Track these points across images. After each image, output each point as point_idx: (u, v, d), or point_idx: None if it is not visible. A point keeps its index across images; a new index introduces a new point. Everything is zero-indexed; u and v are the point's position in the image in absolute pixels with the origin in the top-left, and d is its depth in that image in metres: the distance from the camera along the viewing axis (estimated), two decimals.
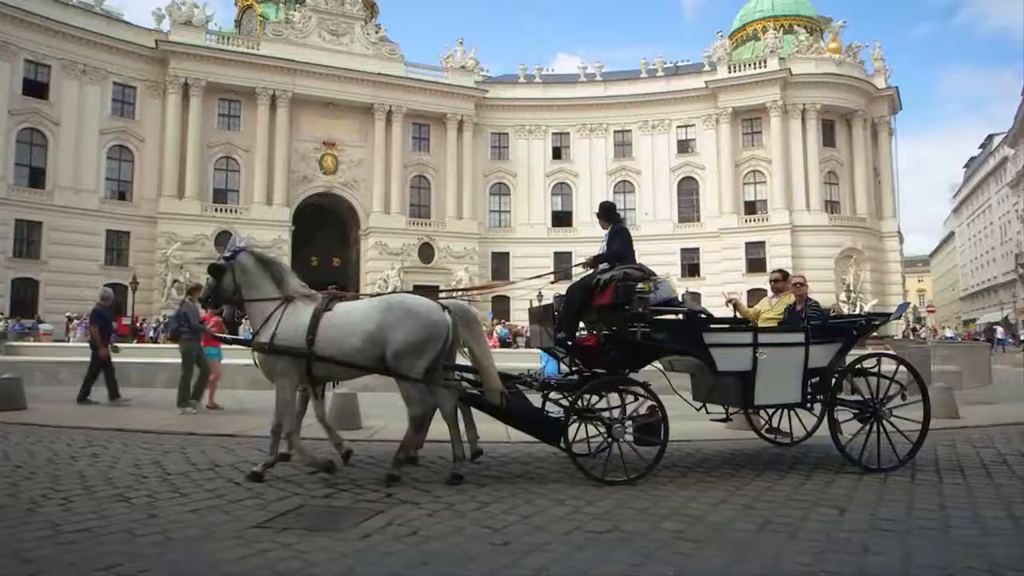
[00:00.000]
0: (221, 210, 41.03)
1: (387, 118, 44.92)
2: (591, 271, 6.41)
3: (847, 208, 44.70)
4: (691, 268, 45.77)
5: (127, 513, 4.50)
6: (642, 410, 6.12)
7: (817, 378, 6.14)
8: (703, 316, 6.41)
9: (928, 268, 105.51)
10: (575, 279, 6.59)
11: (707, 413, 6.52)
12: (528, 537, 4.06)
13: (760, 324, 6.73)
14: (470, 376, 6.08)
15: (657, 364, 6.46)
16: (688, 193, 47.04)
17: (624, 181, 47.95)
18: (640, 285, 5.93)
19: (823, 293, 41.25)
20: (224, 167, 42.26)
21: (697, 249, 45.71)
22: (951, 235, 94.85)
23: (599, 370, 6.15)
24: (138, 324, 33.82)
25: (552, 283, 24.15)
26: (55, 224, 36.61)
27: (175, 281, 37.29)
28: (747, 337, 6.12)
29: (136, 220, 39.33)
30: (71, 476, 5.57)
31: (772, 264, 42.69)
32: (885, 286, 44.30)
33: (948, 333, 60.07)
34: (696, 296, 44.14)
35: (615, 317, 5.90)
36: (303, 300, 5.83)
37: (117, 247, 38.90)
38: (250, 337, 6.17)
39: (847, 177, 45.12)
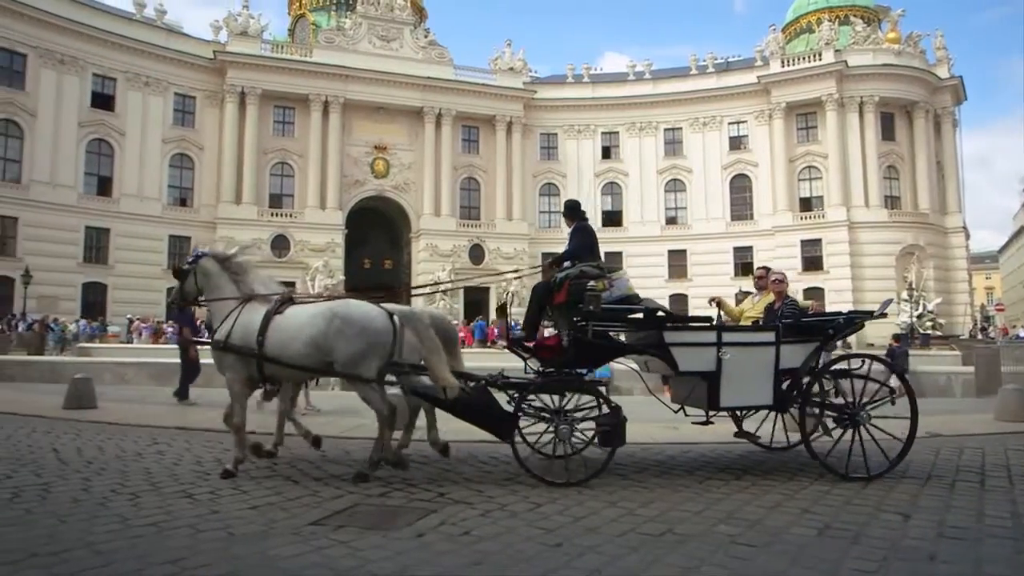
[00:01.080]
0: (276, 214, 42.10)
1: (437, 121, 45.38)
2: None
3: (908, 203, 43.20)
4: (744, 267, 44.82)
5: (190, 508, 4.66)
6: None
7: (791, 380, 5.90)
8: (662, 315, 6.19)
9: (997, 265, 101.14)
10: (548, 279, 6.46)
11: (686, 415, 6.19)
12: (580, 539, 4.05)
13: (742, 323, 6.58)
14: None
15: (633, 365, 6.23)
16: (741, 191, 46.17)
17: (675, 180, 47.37)
18: (592, 283, 5.84)
19: (883, 292, 39.94)
20: (279, 172, 43.34)
21: (750, 248, 44.81)
22: (1022, 230, 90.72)
23: (564, 370, 6.05)
24: (199, 324, 34.81)
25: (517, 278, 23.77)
26: (121, 230, 38.14)
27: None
28: (710, 336, 5.86)
29: (196, 225, 40.66)
30: (138, 472, 5.79)
31: (829, 262, 41.67)
32: (950, 284, 42.65)
33: (1021, 332, 57.49)
34: (748, 295, 43.46)
35: (571, 316, 5.83)
36: (260, 301, 6.04)
37: (179, 252, 40.16)
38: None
39: (908, 171, 43.60)
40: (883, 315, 6.74)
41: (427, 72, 45.11)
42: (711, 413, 6.06)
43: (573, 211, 6.68)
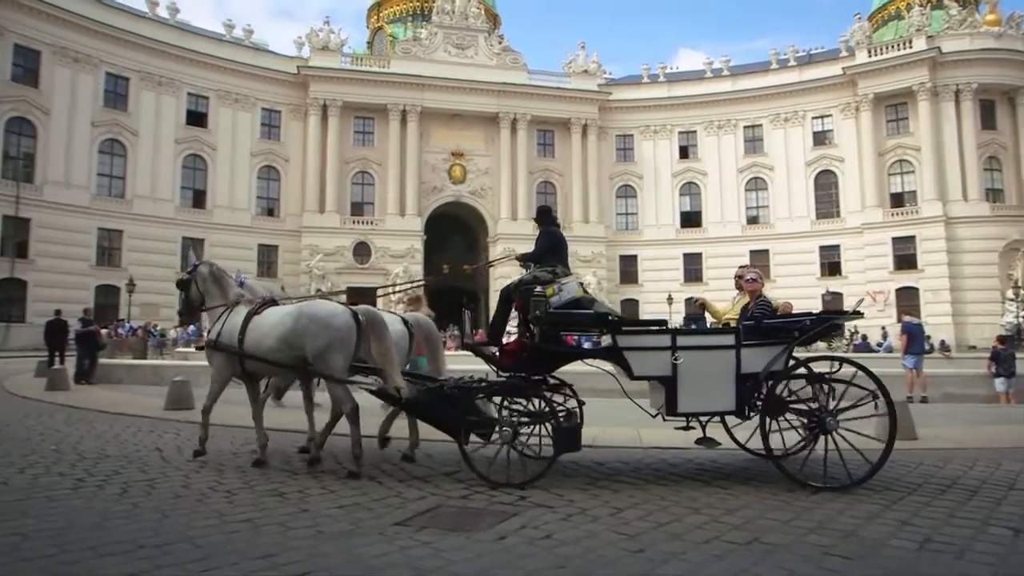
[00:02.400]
0: (358, 222, 43.35)
1: (512, 126, 45.69)
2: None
3: (1012, 196, 40.53)
4: (831, 267, 43.23)
5: (281, 506, 4.84)
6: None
7: (768, 384, 5.59)
8: (614, 319, 5.97)
9: None
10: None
11: (664, 420, 5.91)
12: (664, 545, 3.98)
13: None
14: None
15: (608, 368, 5.99)
16: (826, 188, 44.45)
17: (756, 178, 46.09)
18: (539, 288, 5.80)
19: (984, 290, 37.71)
20: (360, 181, 44.61)
21: (838, 247, 43.09)
22: None
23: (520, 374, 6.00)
24: None
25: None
26: (215, 240, 40.10)
27: (318, 290, 39.68)
28: (664, 340, 5.64)
29: (282, 234, 42.37)
30: (233, 470, 6.06)
31: (924, 260, 39.55)
32: None
33: None
34: (837, 296, 41.82)
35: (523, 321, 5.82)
36: (245, 304, 6.59)
37: (267, 260, 42.06)
38: None
39: (1012, 162, 40.93)
40: (858, 314, 6.25)
41: (502, 78, 45.50)
42: (689, 420, 5.86)
43: (543, 216, 6.68)
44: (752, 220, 45.99)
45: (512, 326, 6.61)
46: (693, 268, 45.90)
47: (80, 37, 36.75)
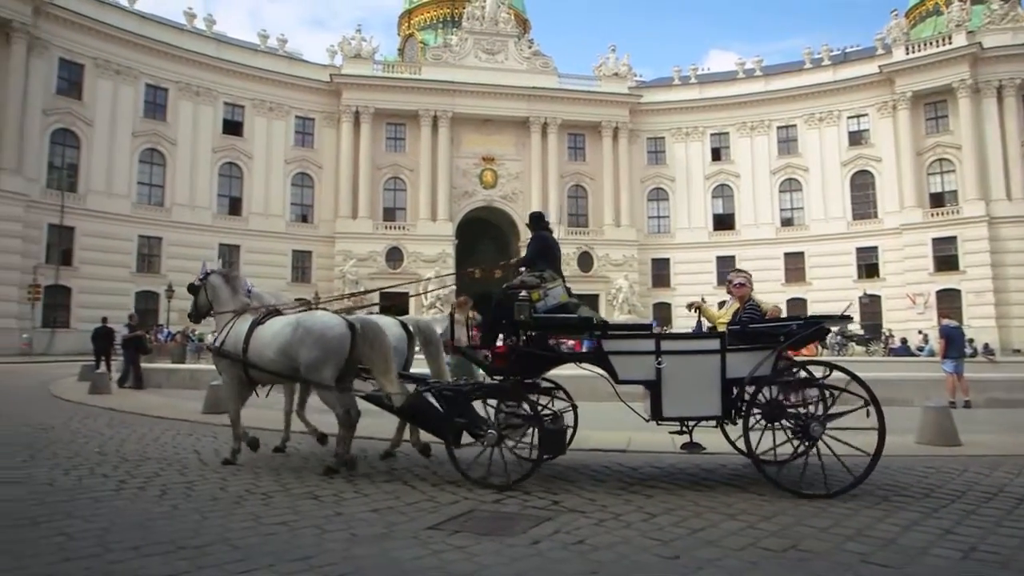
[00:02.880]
0: (390, 227, 43.75)
1: (542, 130, 45.73)
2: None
3: None
4: (868, 269, 42.37)
5: (317, 509, 4.90)
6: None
7: (747, 389, 5.53)
8: (598, 323, 6.03)
9: None
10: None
11: (657, 425, 5.86)
12: (699, 551, 3.95)
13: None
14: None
15: (601, 371, 5.94)
16: (863, 188, 43.62)
17: (790, 179, 45.43)
18: (524, 293, 5.87)
19: None
20: (392, 187, 45.02)
21: (875, 248, 42.24)
22: None
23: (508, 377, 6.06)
24: None
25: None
26: (250, 247, 40.86)
27: (351, 295, 40.10)
28: (648, 345, 5.64)
29: (316, 240, 42.95)
30: (269, 473, 6.16)
31: (966, 261, 38.56)
32: None
33: None
34: (875, 299, 41.01)
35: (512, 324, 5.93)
36: (251, 313, 6.85)
37: (301, 265, 42.65)
38: None
39: None
40: (847, 319, 6.08)
41: (532, 82, 45.59)
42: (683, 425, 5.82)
43: (535, 221, 6.74)
44: (786, 222, 45.32)
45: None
46: (726, 271, 44.76)
47: (121, 50, 37.76)
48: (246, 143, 42.00)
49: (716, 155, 47.12)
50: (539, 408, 5.84)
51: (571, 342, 17.86)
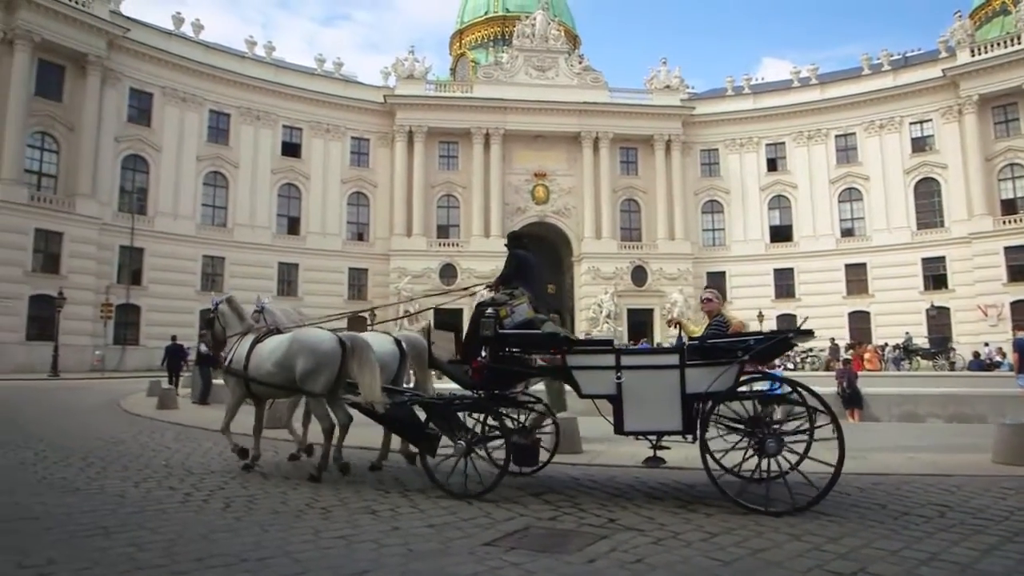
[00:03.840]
0: (444, 244, 44.25)
1: (594, 145, 45.68)
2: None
3: None
4: (936, 280, 40.76)
5: (374, 524, 4.95)
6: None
7: (708, 404, 5.52)
8: (562, 338, 6.11)
9: None
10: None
11: (636, 439, 5.84)
12: (762, 573, 3.84)
13: None
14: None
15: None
16: (927, 196, 42.09)
17: (850, 188, 44.19)
18: (490, 310, 6.08)
19: None
20: (446, 204, 45.59)
21: (942, 258, 40.63)
22: None
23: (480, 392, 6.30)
24: None
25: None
26: (308, 265, 41.89)
27: (406, 312, 40.68)
28: (609, 360, 5.68)
29: (372, 258, 43.76)
30: (328, 487, 6.26)
31: None
32: None
33: None
34: (943, 311, 39.35)
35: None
36: (253, 333, 7.42)
37: (357, 283, 43.48)
38: None
39: None
40: (808, 333, 5.94)
41: (583, 97, 45.65)
42: (654, 440, 5.93)
43: (512, 240, 7.16)
44: (847, 233, 44.06)
45: None
46: (785, 284, 44.35)
47: (188, 78, 39.46)
48: (304, 164, 43.22)
49: (772, 165, 46.23)
50: (507, 422, 6.05)
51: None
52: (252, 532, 4.69)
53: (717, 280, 45.59)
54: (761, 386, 6.75)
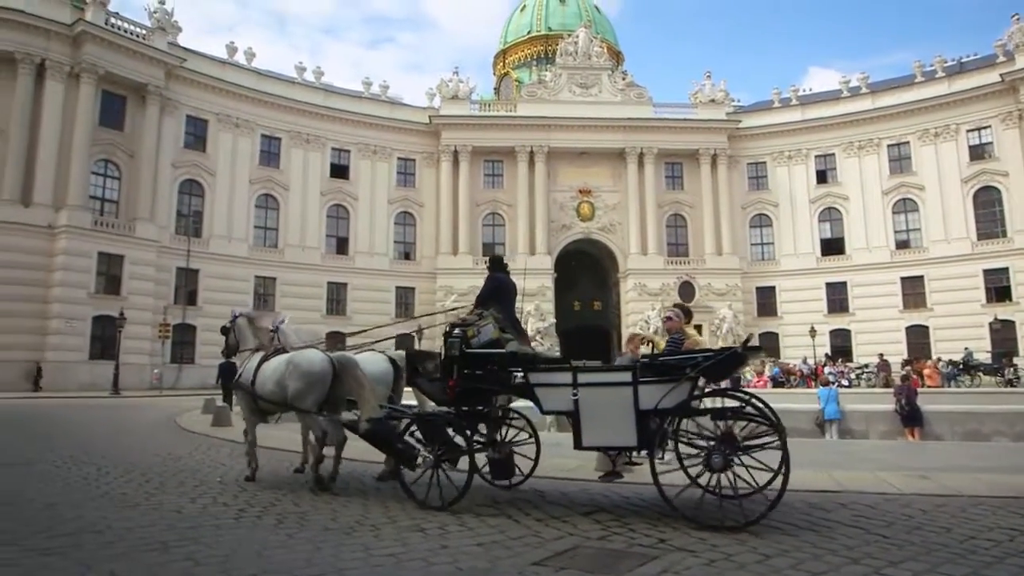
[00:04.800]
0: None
1: (639, 160, 45.50)
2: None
3: None
4: (999, 292, 39.18)
5: (423, 542, 4.97)
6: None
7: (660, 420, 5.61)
8: (524, 357, 6.29)
9: None
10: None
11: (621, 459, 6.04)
12: None
13: None
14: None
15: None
16: (988, 205, 40.61)
17: (904, 199, 42.95)
18: (456, 330, 6.33)
19: None
20: (491, 222, 45.89)
21: (1006, 269, 39.05)
22: None
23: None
24: None
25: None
26: (356, 284, 42.60)
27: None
28: (567, 377, 5.86)
29: (419, 276, 44.25)
30: (377, 506, 6.31)
31: None
32: None
33: None
34: (1008, 324, 37.72)
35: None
36: (263, 350, 7.81)
37: (404, 301, 43.96)
38: None
39: None
40: (756, 349, 5.95)
41: (627, 113, 45.59)
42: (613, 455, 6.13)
43: (492, 264, 7.50)
44: (902, 244, 42.79)
45: None
46: (837, 298, 43.24)
47: (240, 105, 40.79)
48: (352, 185, 44.09)
49: (822, 177, 45.30)
50: (472, 437, 6.34)
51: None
52: (305, 548, 4.75)
53: (767, 295, 44.75)
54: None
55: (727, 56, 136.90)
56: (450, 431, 6.40)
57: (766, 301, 44.86)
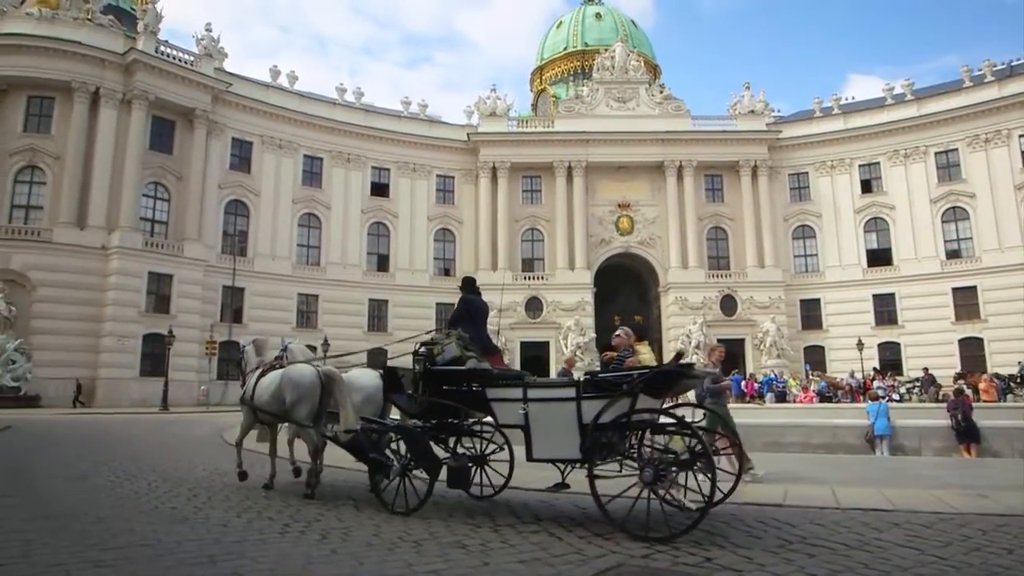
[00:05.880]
0: (529, 277, 44.52)
1: (678, 173, 45.19)
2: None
3: None
4: None
5: (465, 559, 4.95)
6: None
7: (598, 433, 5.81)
8: (482, 373, 6.62)
9: None
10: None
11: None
12: None
13: None
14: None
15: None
16: None
17: (953, 208, 41.76)
18: (423, 349, 6.84)
19: None
20: (530, 238, 45.99)
21: None
22: None
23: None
24: None
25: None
26: (397, 301, 43.02)
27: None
28: (518, 392, 6.17)
29: (458, 293, 44.04)
30: (419, 522, 6.32)
31: None
32: None
33: None
34: None
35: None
36: (263, 367, 8.46)
37: (444, 317, 44.03)
38: None
39: None
40: (688, 366, 6.07)
41: (665, 127, 45.39)
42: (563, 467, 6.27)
43: (464, 286, 8.07)
44: (952, 254, 41.54)
45: None
46: (885, 310, 42.12)
47: (284, 126, 41.81)
48: (392, 203, 44.67)
49: (866, 187, 44.36)
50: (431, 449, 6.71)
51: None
52: (348, 564, 4.78)
53: (811, 308, 43.81)
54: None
55: (765, 67, 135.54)
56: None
57: (811, 314, 43.92)
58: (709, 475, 5.37)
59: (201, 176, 37.61)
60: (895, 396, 27.08)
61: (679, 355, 6.58)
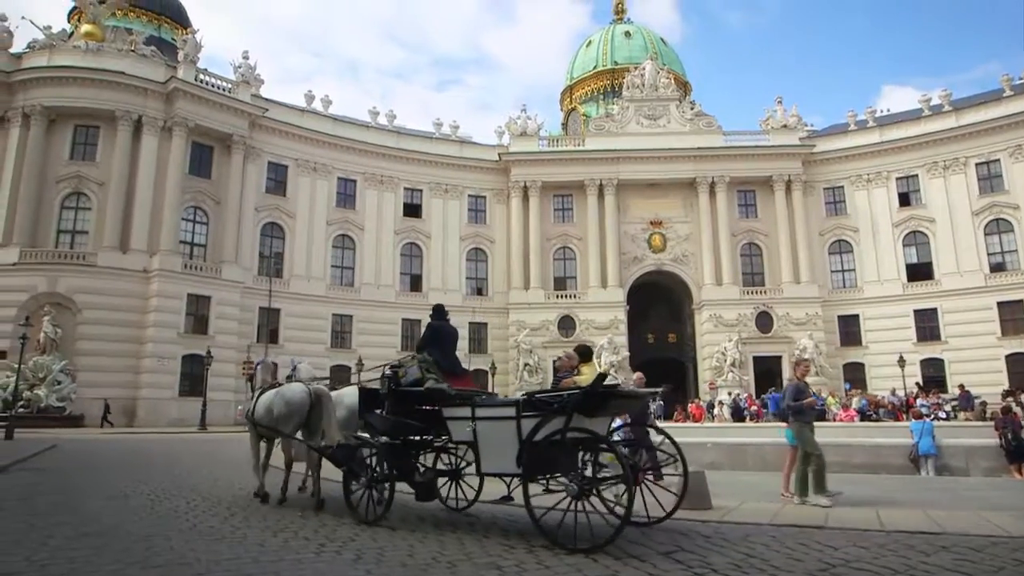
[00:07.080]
0: (561, 296, 44.46)
1: (710, 189, 44.89)
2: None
3: None
4: None
5: None
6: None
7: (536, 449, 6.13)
8: (438, 393, 7.04)
9: None
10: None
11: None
12: None
13: None
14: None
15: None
16: None
17: (997, 220, 40.68)
18: (388, 371, 7.39)
19: None
20: (562, 256, 45.98)
21: None
22: None
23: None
24: None
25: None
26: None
27: (525, 364, 41.15)
28: (467, 411, 6.55)
29: (491, 312, 44.57)
30: (453, 543, 6.30)
31: None
32: None
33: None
34: None
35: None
36: (264, 387, 9.24)
37: (478, 336, 44.31)
38: None
39: None
40: (611, 387, 6.37)
41: (696, 143, 45.20)
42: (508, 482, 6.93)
43: (434, 313, 8.41)
44: (997, 268, 40.42)
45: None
46: (928, 325, 41.06)
47: (318, 150, 42.60)
48: (424, 224, 45.10)
49: (904, 200, 43.51)
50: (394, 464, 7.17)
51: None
52: None
53: (850, 324, 42.95)
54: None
55: (796, 81, 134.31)
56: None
57: (849, 330, 43.04)
58: (625, 491, 5.71)
59: (238, 200, 38.46)
60: (940, 414, 26.29)
61: (602, 376, 6.62)
